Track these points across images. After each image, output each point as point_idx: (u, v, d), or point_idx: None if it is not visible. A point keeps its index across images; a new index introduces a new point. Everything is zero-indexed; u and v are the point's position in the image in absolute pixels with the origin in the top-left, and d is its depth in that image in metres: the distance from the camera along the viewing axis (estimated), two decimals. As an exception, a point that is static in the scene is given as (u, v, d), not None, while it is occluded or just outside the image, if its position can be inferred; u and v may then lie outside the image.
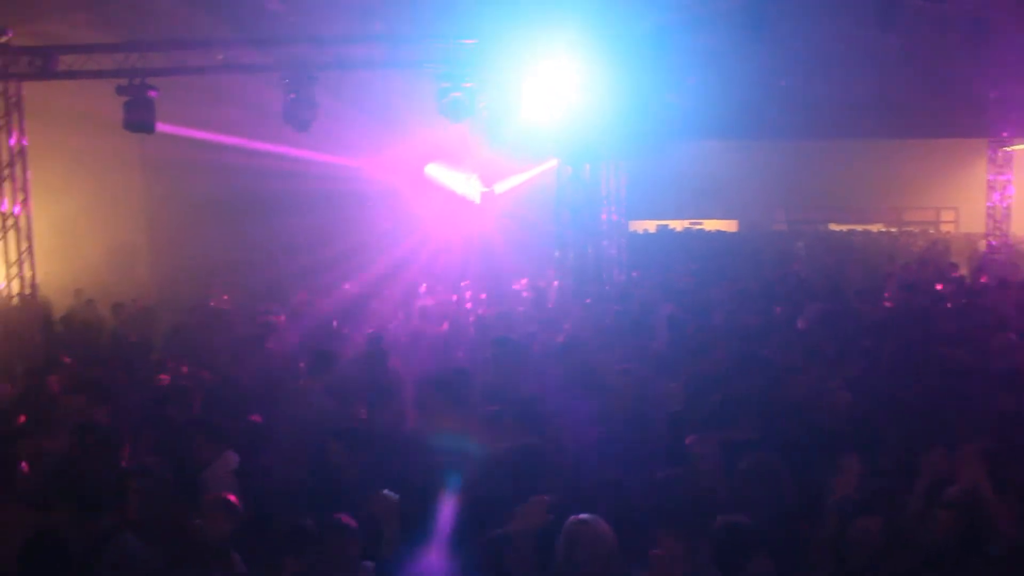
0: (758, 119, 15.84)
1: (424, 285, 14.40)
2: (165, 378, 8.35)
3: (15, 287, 12.83)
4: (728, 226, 31.96)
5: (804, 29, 10.19)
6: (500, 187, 22.31)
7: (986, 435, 5.67)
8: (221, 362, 9.67)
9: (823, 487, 4.88)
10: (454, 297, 13.66)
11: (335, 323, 11.48)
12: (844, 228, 32.07)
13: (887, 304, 12.34)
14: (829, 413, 6.63)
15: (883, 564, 4.59)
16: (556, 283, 14.43)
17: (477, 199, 22.45)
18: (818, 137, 23.19)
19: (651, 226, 30.17)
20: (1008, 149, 21.22)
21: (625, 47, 12.04)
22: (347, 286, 14.94)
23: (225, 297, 15.00)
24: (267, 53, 12.75)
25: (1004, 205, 21.47)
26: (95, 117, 15.39)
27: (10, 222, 12.66)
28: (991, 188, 21.55)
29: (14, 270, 12.78)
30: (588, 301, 12.91)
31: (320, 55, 12.53)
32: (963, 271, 17.17)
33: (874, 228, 31.80)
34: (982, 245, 22.60)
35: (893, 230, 31.41)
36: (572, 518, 4.36)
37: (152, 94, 12.44)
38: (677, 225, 31.21)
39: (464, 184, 22.14)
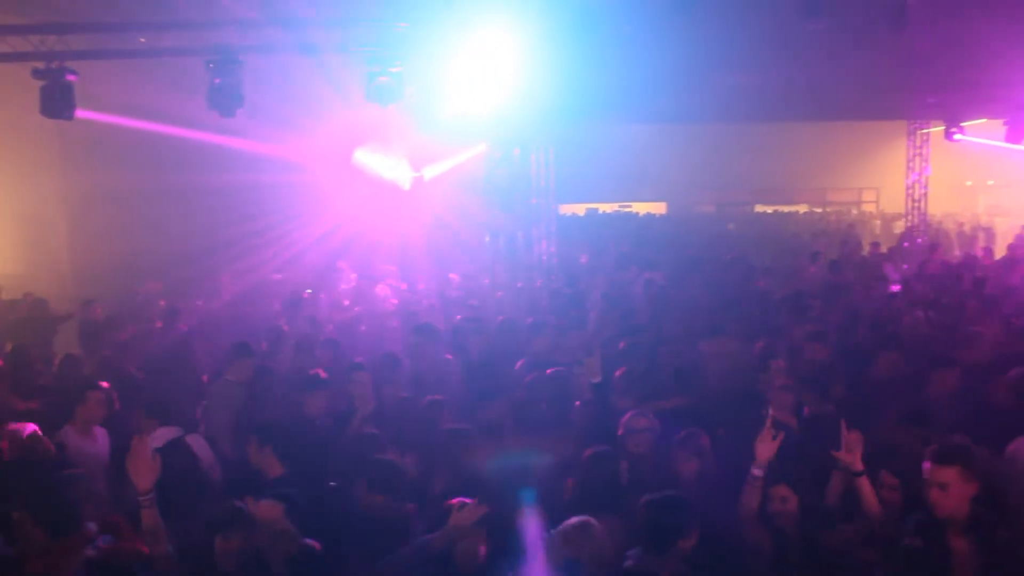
0: (685, 103, 16.01)
1: (352, 274, 14.21)
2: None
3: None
4: (657, 209, 32.36)
5: (731, 14, 10.33)
6: (429, 172, 22.11)
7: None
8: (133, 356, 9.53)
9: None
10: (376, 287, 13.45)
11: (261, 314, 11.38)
12: (770, 209, 32.76)
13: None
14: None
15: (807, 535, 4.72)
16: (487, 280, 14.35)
17: (406, 185, 22.23)
18: (744, 121, 23.51)
19: (580, 210, 30.35)
20: (925, 131, 21.88)
21: (554, 30, 12.05)
22: (276, 276, 14.74)
23: (148, 289, 14.72)
24: (191, 36, 12.43)
25: (922, 185, 22.16)
26: (10, 103, 14.89)
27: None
28: (910, 169, 22.23)
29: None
30: (520, 285, 13.00)
31: (246, 39, 12.27)
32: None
33: (799, 209, 32.58)
34: (898, 227, 23.36)
35: (817, 210, 32.20)
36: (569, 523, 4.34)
37: (71, 78, 12.05)
38: (606, 208, 31.47)
39: (393, 170, 21.87)
